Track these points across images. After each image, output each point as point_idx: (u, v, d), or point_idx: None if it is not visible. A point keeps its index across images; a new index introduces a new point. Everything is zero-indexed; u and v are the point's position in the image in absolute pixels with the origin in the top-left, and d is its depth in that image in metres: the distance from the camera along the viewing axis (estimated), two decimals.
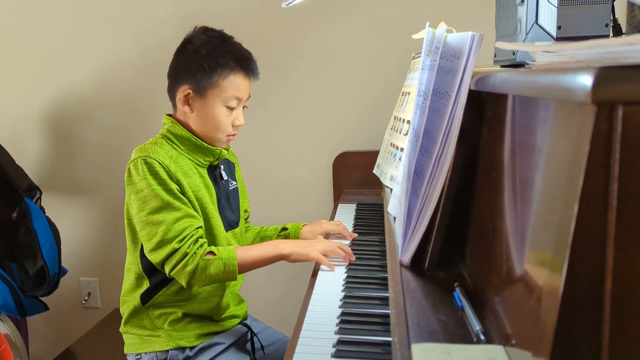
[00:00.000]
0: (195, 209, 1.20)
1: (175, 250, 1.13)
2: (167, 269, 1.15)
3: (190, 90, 1.21)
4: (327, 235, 1.40)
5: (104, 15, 1.96)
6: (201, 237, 1.18)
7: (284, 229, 1.45)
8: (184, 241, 1.14)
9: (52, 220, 1.75)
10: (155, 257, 1.15)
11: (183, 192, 1.18)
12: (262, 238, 1.45)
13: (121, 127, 2.02)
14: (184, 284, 1.15)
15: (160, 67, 1.91)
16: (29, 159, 2.05)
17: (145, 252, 1.17)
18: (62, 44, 2.00)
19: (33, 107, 2.05)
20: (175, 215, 1.14)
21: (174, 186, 1.16)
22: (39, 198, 1.76)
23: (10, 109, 2.07)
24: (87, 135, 2.05)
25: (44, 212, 1.74)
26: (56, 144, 2.08)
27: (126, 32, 1.96)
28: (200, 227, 1.19)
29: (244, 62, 1.23)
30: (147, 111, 1.99)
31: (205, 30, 1.25)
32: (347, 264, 1.21)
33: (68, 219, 2.08)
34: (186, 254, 1.13)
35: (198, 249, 1.15)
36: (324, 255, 1.18)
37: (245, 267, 1.18)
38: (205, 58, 1.20)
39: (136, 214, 1.17)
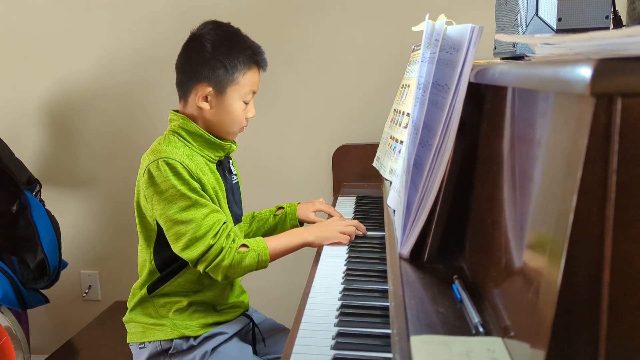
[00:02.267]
0: None
1: (210, 247, 1.14)
2: (201, 266, 1.16)
3: (211, 88, 1.21)
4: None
5: (103, 7, 1.95)
6: (231, 231, 1.19)
7: (280, 208, 1.48)
8: (218, 236, 1.15)
9: (52, 214, 1.75)
10: (188, 255, 1.15)
11: (205, 190, 1.19)
12: (258, 221, 1.47)
13: (120, 120, 2.02)
14: (220, 278, 1.17)
15: (159, 59, 1.92)
16: (28, 152, 2.05)
17: (176, 251, 1.17)
18: (61, 36, 2.00)
19: (32, 100, 2.05)
20: (204, 211, 1.15)
21: (197, 185, 1.17)
22: (39, 191, 1.76)
23: (9, 102, 2.07)
24: (87, 128, 2.05)
25: (44, 205, 1.74)
26: (55, 137, 2.08)
27: (125, 23, 1.95)
28: (227, 221, 1.20)
29: (259, 57, 1.25)
30: (147, 104, 1.98)
31: (217, 26, 1.24)
32: (345, 259, 1.21)
33: (68, 212, 2.08)
34: (222, 249, 1.15)
35: (232, 242, 1.17)
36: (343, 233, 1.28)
37: (275, 256, 1.23)
38: (225, 56, 1.20)
39: (161, 214, 1.16)
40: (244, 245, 1.19)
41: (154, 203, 1.17)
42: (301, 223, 1.47)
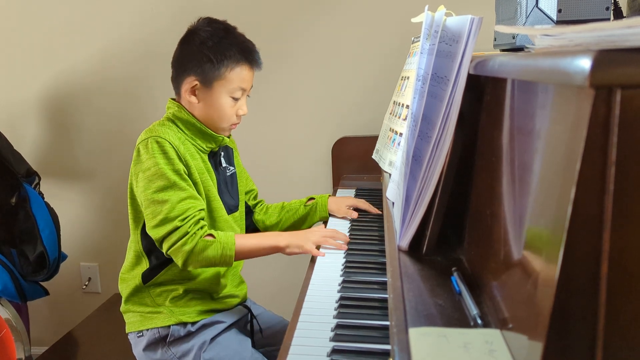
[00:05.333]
0: (199, 192, 1.23)
1: (176, 228, 1.15)
2: (165, 246, 1.17)
3: (197, 82, 1.22)
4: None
5: (101, 1, 1.94)
6: (202, 219, 1.20)
7: (311, 198, 1.47)
8: (186, 220, 1.16)
9: (52, 206, 1.75)
10: (155, 233, 1.17)
11: (189, 174, 1.21)
12: (287, 211, 1.47)
13: (118, 112, 2.02)
14: (179, 262, 1.17)
15: (157, 52, 1.91)
16: (27, 144, 2.05)
17: (147, 229, 1.19)
18: (59, 29, 1.99)
19: (31, 92, 2.04)
20: (180, 195, 1.16)
21: (182, 167, 1.18)
22: (38, 183, 1.76)
23: (8, 95, 2.06)
24: (85, 121, 2.04)
25: (43, 198, 1.74)
26: (54, 129, 2.07)
27: (123, 17, 1.94)
28: (203, 209, 1.21)
29: (249, 54, 1.25)
30: (144, 96, 1.98)
31: (210, 22, 1.25)
32: (344, 251, 1.21)
33: (67, 204, 2.08)
34: (186, 233, 1.15)
35: (198, 229, 1.17)
36: (318, 245, 1.22)
37: (242, 255, 1.20)
38: (212, 50, 1.21)
39: (142, 192, 1.18)
40: (211, 235, 1.18)
41: (138, 180, 1.19)
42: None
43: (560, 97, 0.49)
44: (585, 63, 0.39)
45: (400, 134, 1.26)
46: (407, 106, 1.24)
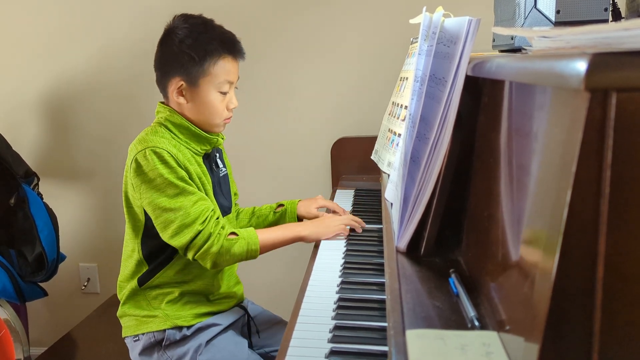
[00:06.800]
0: None
1: (199, 232, 1.15)
2: (190, 253, 1.17)
3: (182, 82, 1.20)
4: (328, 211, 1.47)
5: (99, 2, 1.94)
6: (219, 218, 1.20)
7: (280, 205, 1.47)
8: (206, 222, 1.16)
9: (50, 207, 1.75)
10: (177, 242, 1.16)
11: (192, 179, 1.20)
12: (257, 217, 1.47)
13: (117, 114, 2.02)
14: (208, 265, 1.17)
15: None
16: (26, 145, 2.05)
17: (165, 239, 1.18)
18: (57, 32, 1.99)
19: (30, 93, 2.04)
20: (192, 199, 1.16)
21: (184, 173, 1.18)
22: (37, 184, 1.76)
23: (7, 96, 2.06)
24: (84, 122, 2.04)
25: (42, 199, 1.74)
26: (53, 130, 2.07)
27: (122, 19, 1.94)
28: (214, 208, 1.21)
29: (231, 45, 1.23)
30: (143, 98, 1.98)
31: (186, 19, 1.23)
32: (343, 252, 1.21)
33: (66, 205, 2.08)
34: (210, 235, 1.16)
35: (221, 229, 1.17)
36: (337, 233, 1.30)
37: (266, 248, 1.22)
38: (192, 47, 1.19)
39: (149, 203, 1.17)
40: (233, 233, 1.19)
41: (142, 192, 1.17)
42: (301, 220, 1.46)
43: (556, 100, 0.49)
44: (581, 66, 0.39)
45: (399, 135, 1.26)
46: (406, 107, 1.24)
